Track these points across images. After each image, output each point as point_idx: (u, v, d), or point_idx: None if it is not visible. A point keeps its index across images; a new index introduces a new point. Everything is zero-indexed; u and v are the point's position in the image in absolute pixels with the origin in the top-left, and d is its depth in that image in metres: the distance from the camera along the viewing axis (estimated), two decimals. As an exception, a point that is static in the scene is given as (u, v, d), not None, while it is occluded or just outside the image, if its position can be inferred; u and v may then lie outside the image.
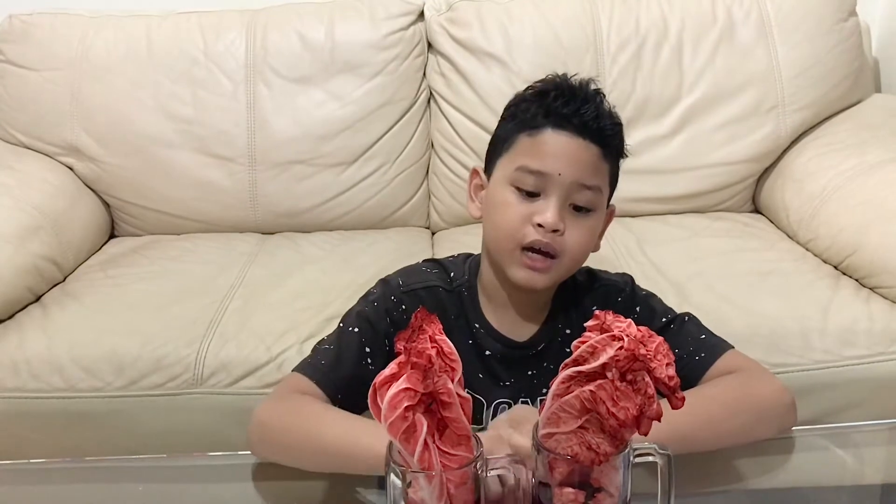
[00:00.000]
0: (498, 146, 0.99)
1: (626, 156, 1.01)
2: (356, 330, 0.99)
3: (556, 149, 0.93)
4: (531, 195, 0.94)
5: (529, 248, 0.94)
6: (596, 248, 1.01)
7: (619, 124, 0.98)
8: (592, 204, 0.95)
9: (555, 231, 0.92)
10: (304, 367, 0.99)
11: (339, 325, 1.02)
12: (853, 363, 1.27)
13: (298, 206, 1.80)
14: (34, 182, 1.66)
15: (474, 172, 1.04)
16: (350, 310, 1.03)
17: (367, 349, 0.97)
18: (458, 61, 1.81)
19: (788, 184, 1.71)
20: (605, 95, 0.97)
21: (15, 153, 1.77)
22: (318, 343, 1.03)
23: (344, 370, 0.96)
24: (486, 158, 1.02)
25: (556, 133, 0.93)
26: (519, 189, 0.94)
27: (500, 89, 1.76)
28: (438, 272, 1.04)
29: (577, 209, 0.94)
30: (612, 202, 1.02)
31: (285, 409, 0.94)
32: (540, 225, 0.92)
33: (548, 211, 0.92)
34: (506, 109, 1.01)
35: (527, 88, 1.00)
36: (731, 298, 1.37)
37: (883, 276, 1.37)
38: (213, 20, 1.83)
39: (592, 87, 0.96)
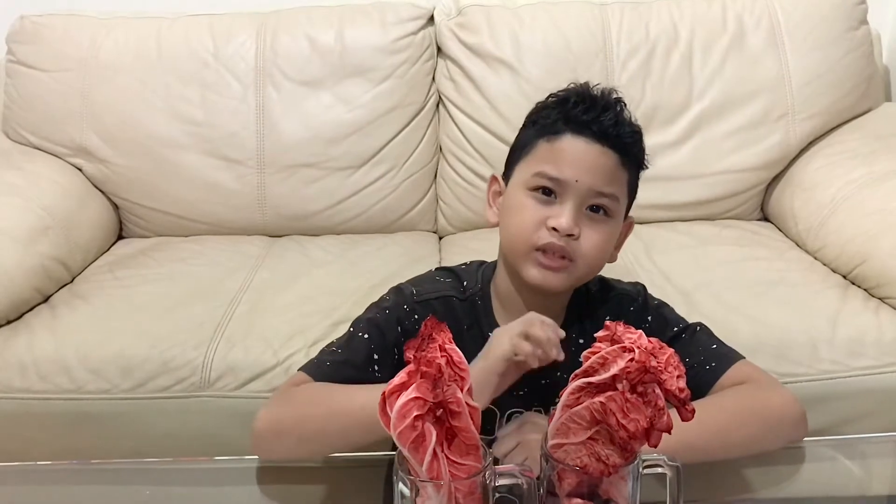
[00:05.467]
0: (517, 152, 1.00)
1: (647, 167, 1.01)
2: (366, 336, 0.99)
3: (574, 155, 0.93)
4: (547, 195, 0.94)
5: (543, 250, 0.94)
6: (613, 259, 1.01)
7: (639, 133, 0.98)
8: (609, 209, 0.95)
9: (569, 235, 0.92)
10: (309, 368, 0.99)
11: (349, 329, 1.02)
12: (861, 374, 1.26)
13: (306, 209, 1.80)
14: (43, 182, 1.66)
15: (493, 179, 1.05)
16: (361, 316, 1.03)
17: (376, 356, 0.97)
18: (467, 66, 1.80)
19: (797, 192, 1.71)
20: (626, 104, 0.97)
21: (24, 153, 1.77)
22: (327, 346, 1.03)
23: (349, 373, 0.96)
24: (505, 165, 1.03)
25: (575, 139, 0.94)
26: (535, 190, 0.94)
27: (509, 95, 1.77)
28: (451, 281, 1.04)
29: (594, 211, 0.94)
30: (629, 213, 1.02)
31: (294, 404, 0.93)
32: (555, 229, 0.92)
33: (563, 215, 0.92)
34: (527, 117, 1.02)
35: (549, 97, 1.00)
36: (739, 307, 1.37)
37: (892, 287, 1.36)
38: (223, 23, 1.83)
39: (614, 95, 0.97)
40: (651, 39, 1.79)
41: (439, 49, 1.85)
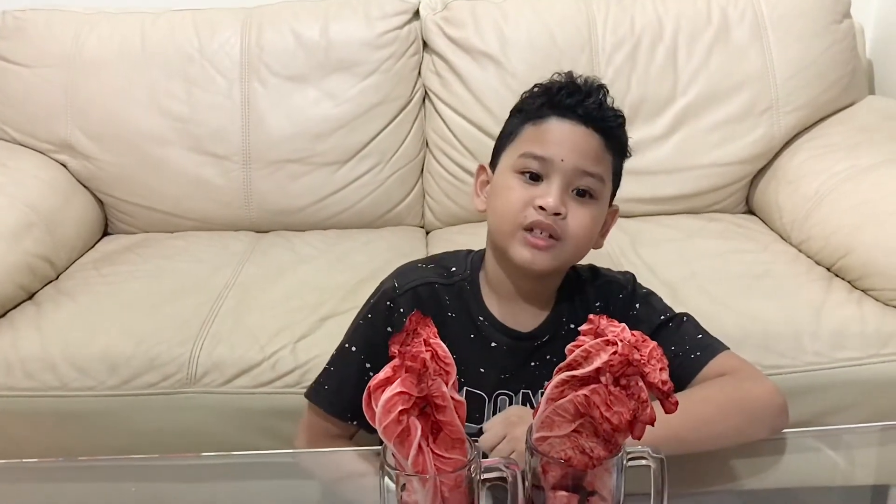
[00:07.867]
0: (503, 139, 1.01)
1: (630, 155, 1.02)
2: (354, 349, 1.01)
3: (559, 136, 0.94)
4: (534, 179, 0.95)
5: (530, 229, 0.94)
6: (598, 245, 1.02)
7: (623, 118, 0.99)
8: (594, 190, 0.96)
9: (556, 214, 0.93)
10: (313, 396, 1.03)
11: (342, 343, 1.04)
12: (845, 365, 1.27)
13: (293, 204, 1.80)
14: (27, 179, 1.65)
15: (480, 169, 1.06)
16: (352, 323, 1.05)
17: (368, 365, 0.98)
18: (453, 60, 1.80)
19: (782, 185, 1.72)
20: (608, 91, 0.98)
21: (8, 150, 1.76)
22: (329, 362, 1.06)
23: (348, 392, 0.98)
24: (492, 154, 1.04)
25: (560, 121, 0.95)
26: (522, 173, 0.95)
27: (495, 89, 1.77)
28: (434, 267, 1.05)
29: (580, 194, 0.95)
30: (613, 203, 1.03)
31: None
32: (542, 208, 0.93)
33: (550, 195, 0.93)
34: (513, 108, 1.03)
35: (534, 86, 1.02)
36: (724, 300, 1.38)
37: (875, 279, 1.37)
38: (207, 18, 1.82)
39: (597, 83, 0.98)
40: (636, 33, 1.79)
41: (425, 43, 1.85)
